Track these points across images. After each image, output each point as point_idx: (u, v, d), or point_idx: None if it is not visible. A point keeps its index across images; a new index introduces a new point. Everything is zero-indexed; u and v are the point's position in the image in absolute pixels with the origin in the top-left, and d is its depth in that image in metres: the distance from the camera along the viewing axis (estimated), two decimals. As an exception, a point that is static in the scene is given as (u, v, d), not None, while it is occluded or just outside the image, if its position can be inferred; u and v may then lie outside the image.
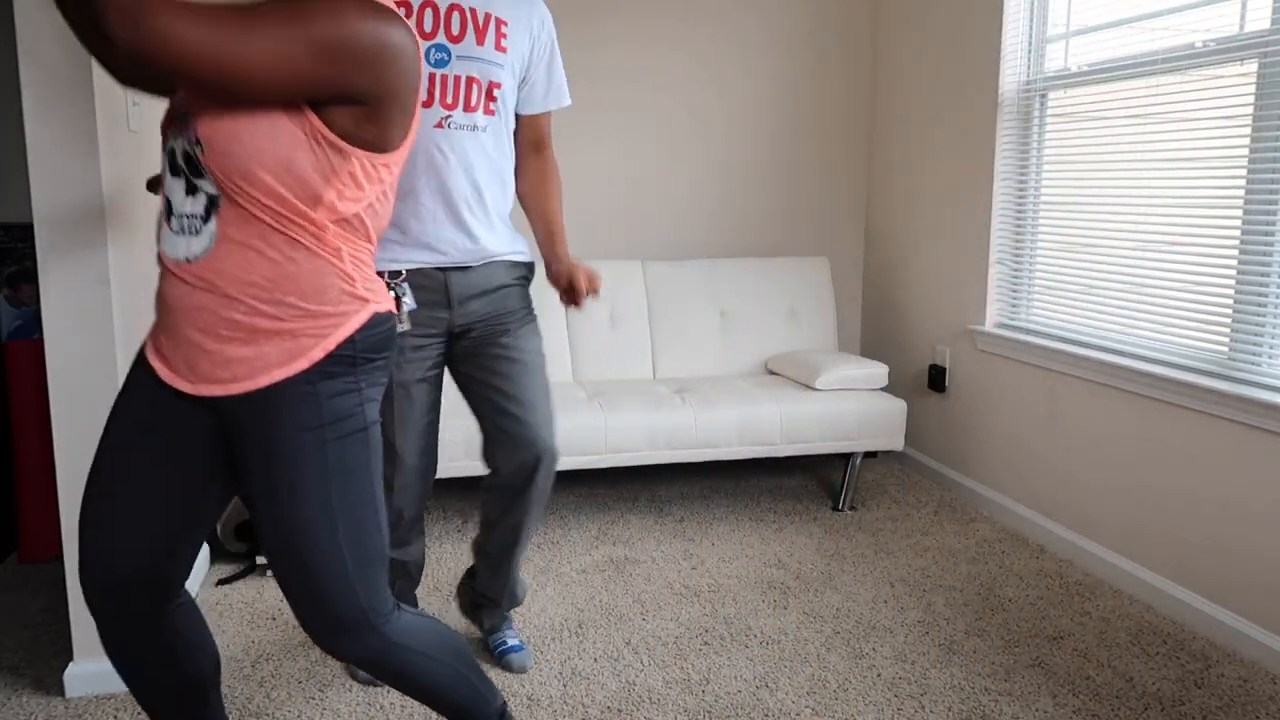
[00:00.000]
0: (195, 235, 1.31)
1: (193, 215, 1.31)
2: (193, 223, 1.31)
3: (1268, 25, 2.24)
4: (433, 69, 1.90)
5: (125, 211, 2.11)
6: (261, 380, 1.33)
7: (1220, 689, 2.13)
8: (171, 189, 1.33)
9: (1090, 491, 2.78)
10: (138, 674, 1.49)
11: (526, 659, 2.23)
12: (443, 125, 1.92)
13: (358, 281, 1.38)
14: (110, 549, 1.40)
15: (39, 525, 2.76)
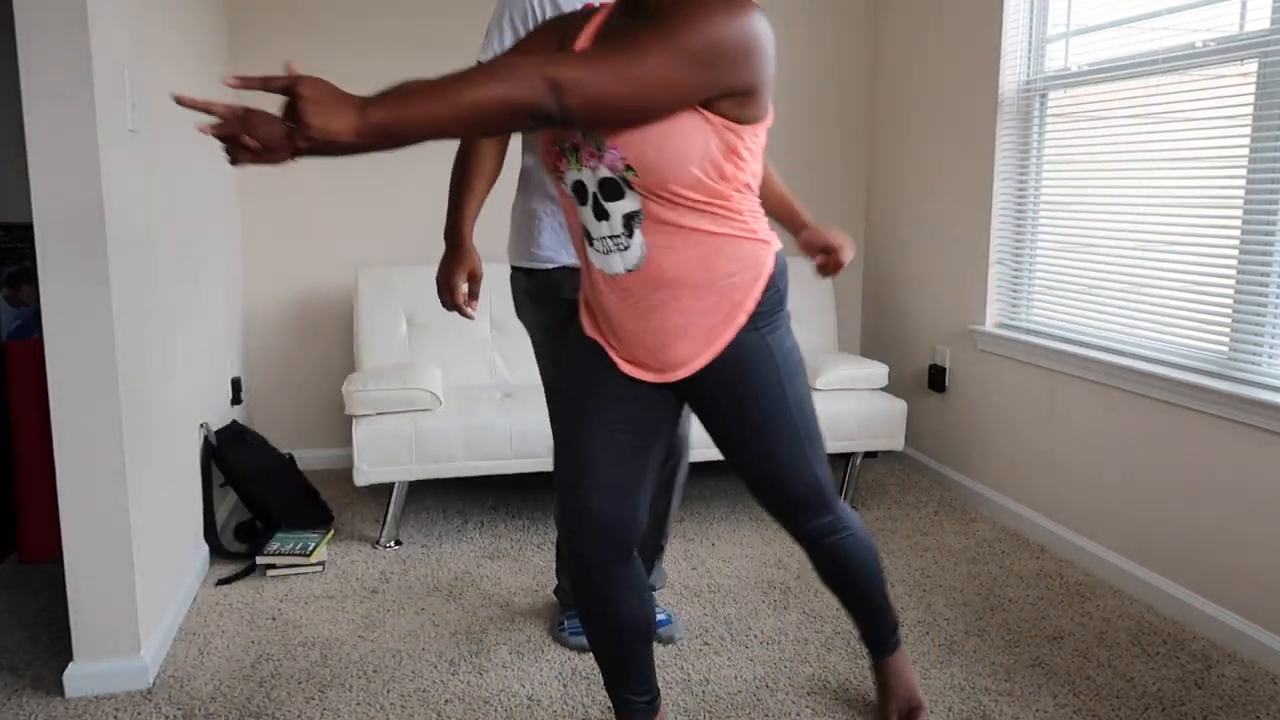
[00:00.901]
0: (625, 250, 1.50)
1: (615, 235, 1.49)
2: (617, 241, 1.49)
3: (1268, 25, 2.24)
4: None
5: (125, 212, 2.11)
6: (717, 348, 1.55)
7: (1220, 689, 2.13)
8: (584, 217, 1.51)
9: (1090, 491, 2.78)
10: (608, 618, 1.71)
11: (673, 631, 2.33)
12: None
13: (759, 230, 1.55)
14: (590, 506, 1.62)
15: (39, 525, 2.76)
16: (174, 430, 2.50)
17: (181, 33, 2.74)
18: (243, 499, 2.98)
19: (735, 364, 1.57)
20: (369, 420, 2.91)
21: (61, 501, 2.02)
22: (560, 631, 2.34)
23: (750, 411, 1.60)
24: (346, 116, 1.21)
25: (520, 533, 3.07)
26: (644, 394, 1.62)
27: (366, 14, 3.59)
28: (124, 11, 2.15)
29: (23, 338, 2.90)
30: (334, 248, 3.71)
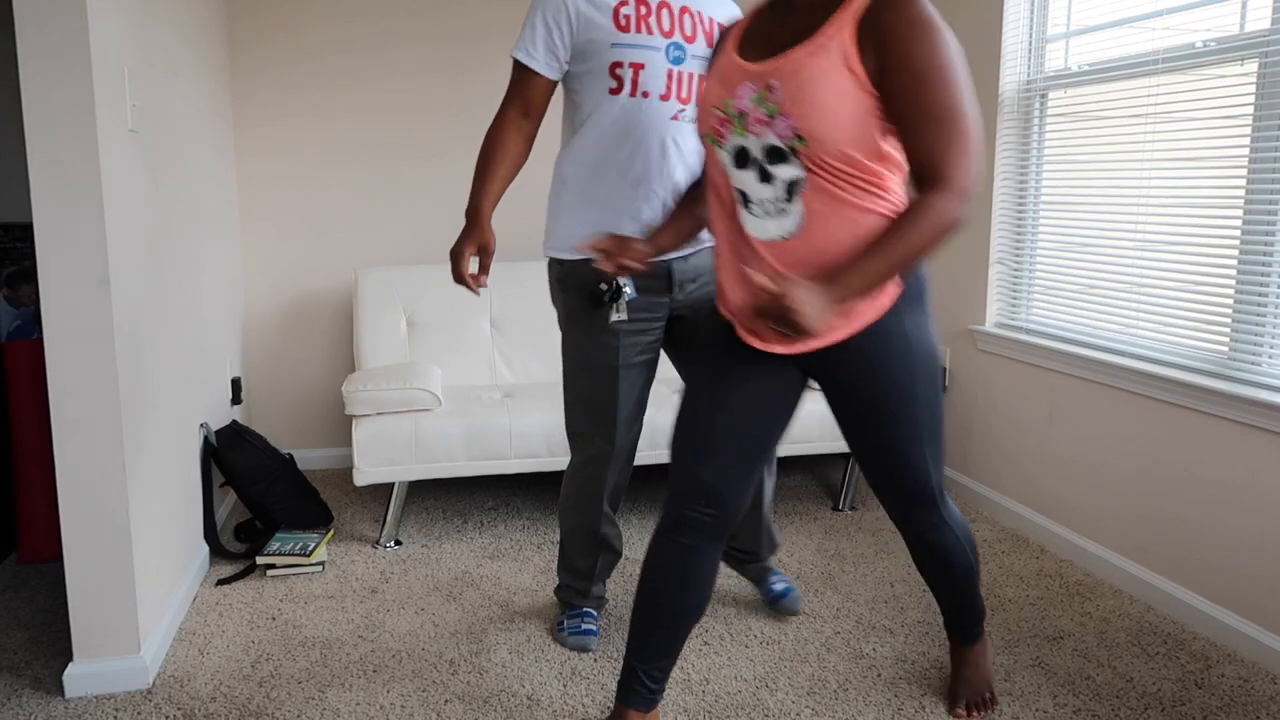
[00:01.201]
0: (783, 215, 1.57)
1: (775, 199, 1.57)
2: (777, 205, 1.57)
3: (1268, 25, 2.24)
4: (671, 65, 2.02)
5: (125, 212, 2.11)
6: (856, 326, 1.61)
7: (1220, 689, 2.13)
8: (742, 181, 1.59)
9: (1090, 491, 2.78)
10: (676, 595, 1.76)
11: (796, 602, 2.42)
12: (677, 118, 2.04)
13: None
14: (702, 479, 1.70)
15: (38, 525, 2.76)
16: (174, 430, 2.50)
17: (181, 33, 2.74)
18: (243, 499, 2.98)
19: (870, 348, 1.63)
20: (369, 420, 2.91)
21: (61, 501, 2.02)
22: (560, 631, 2.34)
23: (877, 399, 1.66)
24: (828, 314, 1.43)
25: (520, 533, 3.07)
26: (770, 378, 1.70)
27: (364, 13, 3.59)
28: (124, 11, 2.15)
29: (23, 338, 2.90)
30: (334, 248, 3.71)
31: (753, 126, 1.55)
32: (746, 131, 1.56)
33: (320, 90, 3.61)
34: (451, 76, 3.68)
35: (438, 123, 3.70)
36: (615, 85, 2.01)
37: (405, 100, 3.66)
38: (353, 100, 3.64)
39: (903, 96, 1.48)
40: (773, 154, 1.55)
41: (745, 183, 1.60)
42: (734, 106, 1.57)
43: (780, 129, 1.52)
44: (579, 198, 2.09)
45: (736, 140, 1.58)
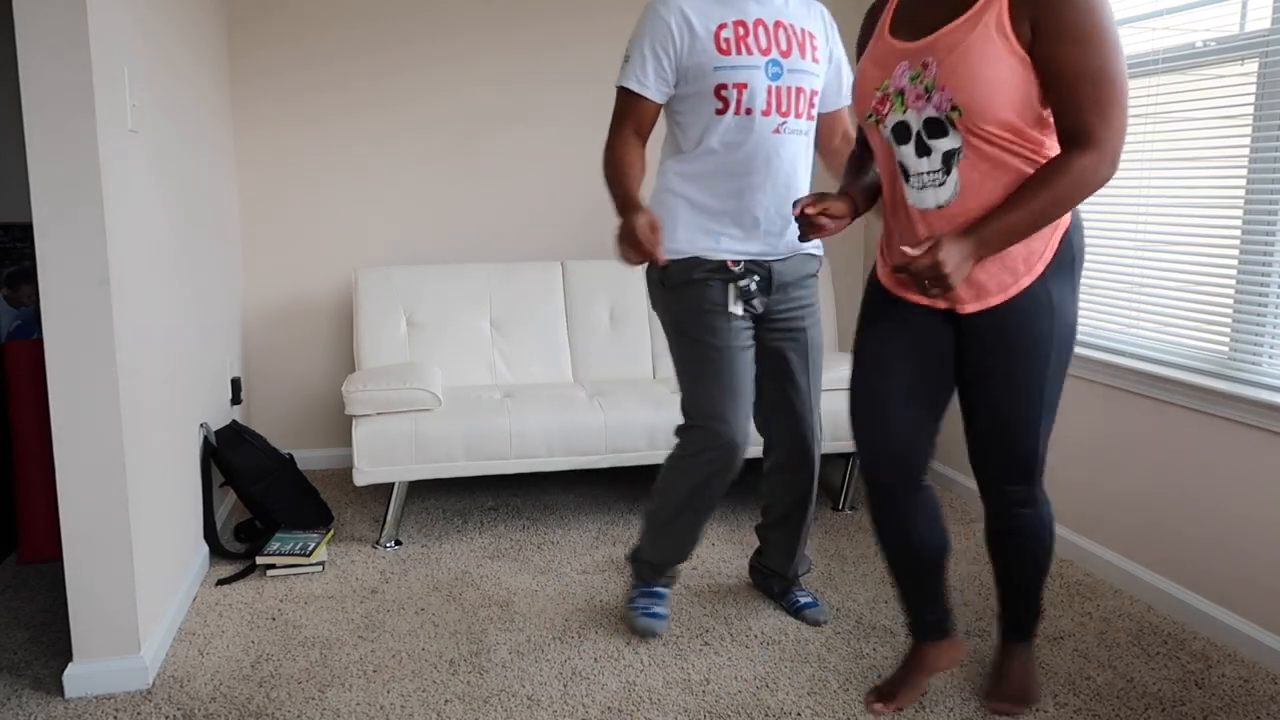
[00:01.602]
0: (940, 186, 1.64)
1: (932, 171, 1.64)
2: (934, 177, 1.64)
3: (1268, 25, 2.24)
4: (770, 82, 2.14)
5: (125, 212, 2.11)
6: (1011, 291, 1.67)
7: (1221, 689, 2.13)
8: (903, 155, 1.67)
9: (1090, 491, 2.78)
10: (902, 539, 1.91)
11: (820, 613, 2.42)
12: (779, 131, 2.17)
13: None
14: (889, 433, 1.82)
15: (39, 525, 2.76)
16: (174, 430, 2.50)
17: (181, 32, 2.74)
18: (243, 499, 2.98)
19: (1019, 316, 1.69)
20: (369, 420, 2.91)
21: (61, 501, 2.02)
22: (631, 609, 2.41)
23: (1015, 368, 1.71)
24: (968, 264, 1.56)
25: (520, 533, 3.07)
26: (932, 335, 1.78)
27: (365, 15, 3.59)
28: (124, 11, 2.15)
29: (23, 338, 2.90)
30: (334, 248, 3.71)
31: (912, 102, 1.63)
32: (906, 108, 1.64)
33: (320, 90, 3.60)
34: (451, 77, 3.68)
35: (438, 123, 3.70)
36: (721, 106, 2.14)
37: (405, 100, 3.66)
38: (353, 100, 3.64)
39: (1057, 59, 1.51)
40: (931, 126, 1.62)
41: (906, 157, 1.68)
42: (892, 86, 1.65)
43: (937, 101, 1.59)
44: (689, 207, 2.22)
45: (897, 117, 1.66)
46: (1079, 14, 1.50)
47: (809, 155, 2.26)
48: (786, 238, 2.24)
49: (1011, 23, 1.53)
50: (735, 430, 2.21)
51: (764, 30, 2.14)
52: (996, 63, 1.53)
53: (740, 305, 2.20)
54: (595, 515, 3.22)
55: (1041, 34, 1.52)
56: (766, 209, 2.19)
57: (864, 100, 1.72)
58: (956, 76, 1.55)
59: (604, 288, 3.62)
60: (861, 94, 1.72)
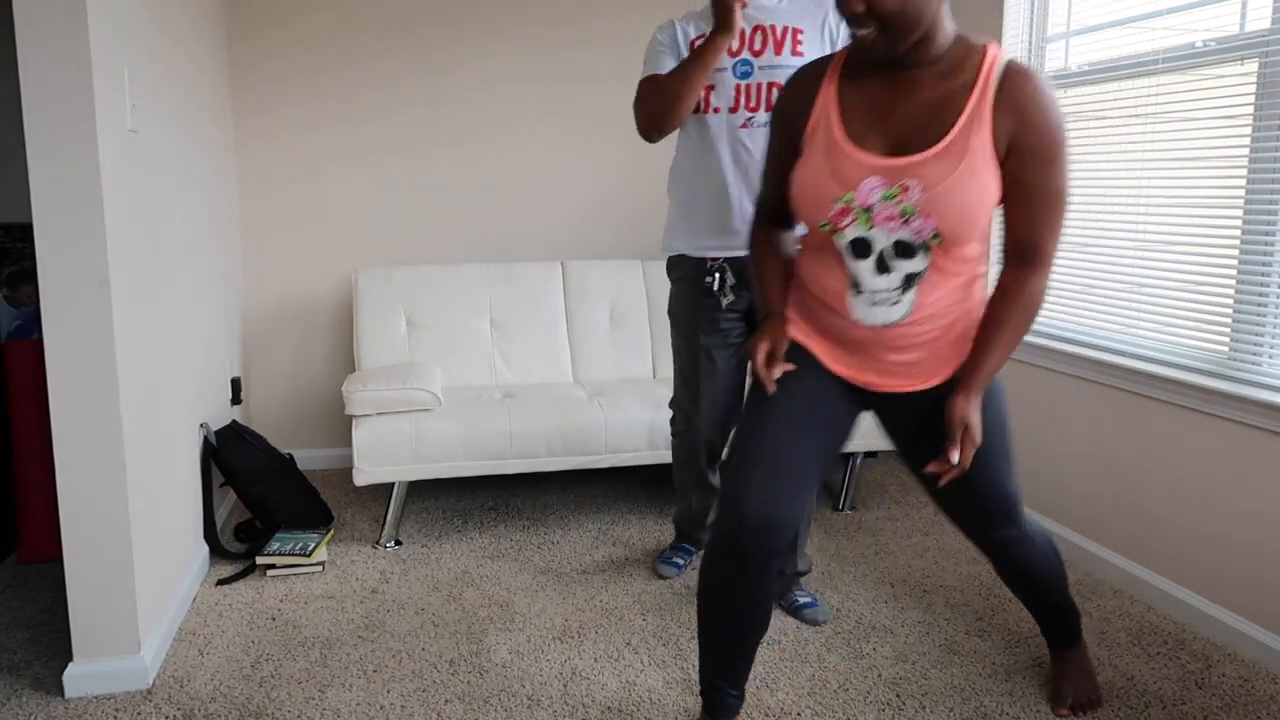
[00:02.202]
0: (894, 305, 1.59)
1: (889, 290, 1.58)
2: (890, 295, 1.58)
3: (1268, 25, 2.24)
4: (738, 80, 2.27)
5: (125, 212, 2.11)
6: (941, 377, 1.67)
7: (1221, 689, 2.13)
8: (857, 270, 1.58)
9: (1090, 491, 2.78)
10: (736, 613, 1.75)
11: (819, 613, 2.46)
12: (747, 125, 2.28)
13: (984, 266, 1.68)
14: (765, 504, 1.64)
15: (38, 525, 2.76)
16: (174, 430, 2.50)
17: (181, 33, 2.74)
18: (243, 499, 2.98)
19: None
20: (369, 420, 2.91)
21: (61, 501, 2.02)
22: (658, 558, 2.75)
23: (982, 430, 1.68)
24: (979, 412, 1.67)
25: (520, 533, 3.07)
26: (840, 405, 1.71)
27: (364, 15, 3.59)
28: (124, 12, 2.15)
29: (23, 338, 2.90)
30: (334, 247, 3.71)
31: (881, 222, 1.53)
32: (873, 225, 1.54)
33: (320, 90, 3.60)
34: (452, 77, 3.68)
35: (438, 123, 3.70)
36: (697, 106, 2.31)
37: (405, 100, 3.66)
38: (352, 100, 3.64)
39: (1028, 178, 1.51)
40: (900, 248, 1.55)
41: (861, 272, 1.59)
42: (858, 201, 1.54)
43: (918, 227, 1.52)
44: (677, 204, 2.45)
45: (856, 232, 1.56)
46: (1055, 134, 1.50)
47: None
48: None
49: (994, 141, 1.49)
50: (703, 425, 2.50)
51: (739, 35, 2.26)
52: (983, 191, 1.50)
53: (728, 295, 2.32)
54: (595, 515, 3.22)
55: (1017, 151, 1.50)
56: (740, 202, 2.30)
57: (819, 209, 1.57)
58: (945, 207, 1.49)
59: (604, 288, 3.62)
60: (816, 201, 1.57)
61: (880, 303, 1.59)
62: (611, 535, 3.04)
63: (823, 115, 1.58)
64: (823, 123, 1.58)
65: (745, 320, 2.39)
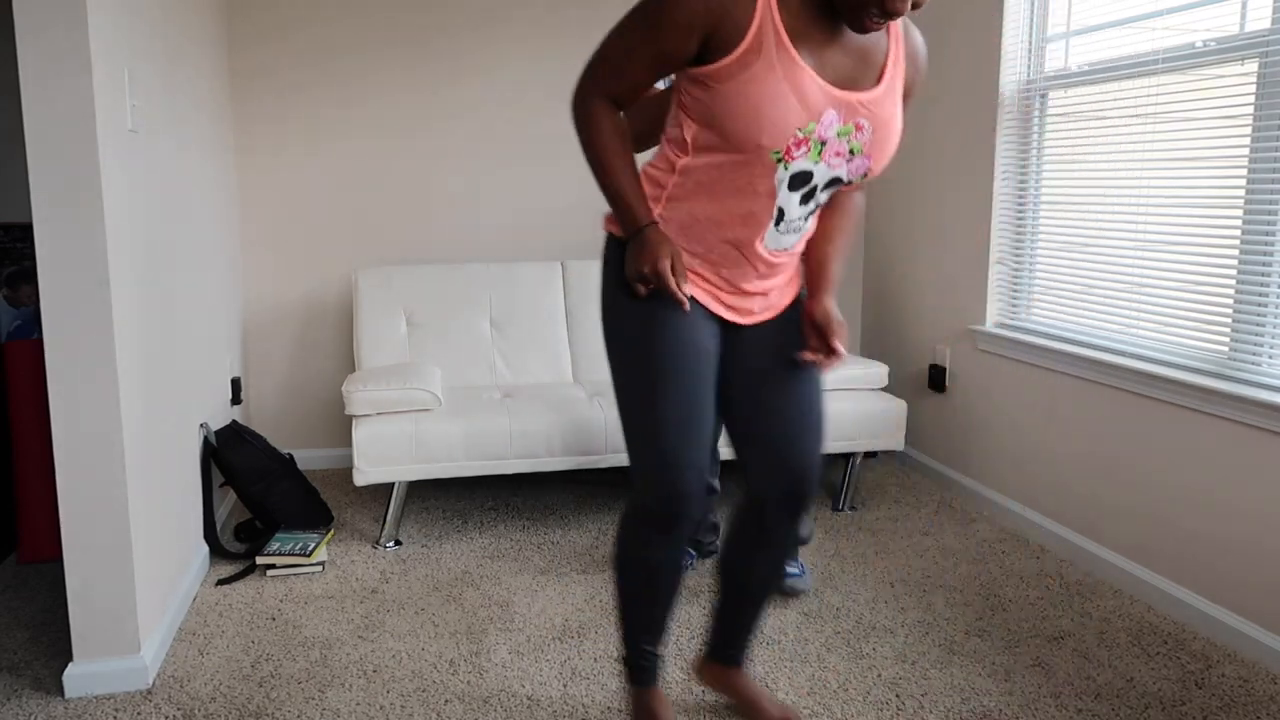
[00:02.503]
0: (796, 233, 1.64)
1: (801, 218, 1.61)
2: (798, 224, 1.62)
3: (1268, 25, 2.24)
4: None
5: (125, 212, 2.11)
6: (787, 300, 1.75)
7: (1221, 689, 2.13)
8: (786, 200, 1.56)
9: (1090, 491, 2.78)
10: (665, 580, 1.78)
11: (799, 583, 2.56)
12: None
13: None
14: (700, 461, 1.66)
15: (38, 525, 2.76)
16: (174, 430, 2.50)
17: (181, 33, 2.74)
18: (243, 499, 2.98)
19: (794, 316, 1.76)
20: (369, 420, 2.91)
21: (61, 501, 2.02)
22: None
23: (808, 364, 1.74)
24: None
25: (520, 533, 3.07)
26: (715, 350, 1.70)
27: (366, 13, 3.59)
28: (124, 12, 2.15)
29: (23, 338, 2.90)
30: (334, 248, 3.71)
31: (829, 158, 1.52)
32: (820, 160, 1.52)
33: (320, 90, 3.60)
34: (452, 77, 3.68)
35: (438, 122, 3.70)
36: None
37: (406, 100, 3.66)
38: (352, 101, 3.64)
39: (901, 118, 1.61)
40: (832, 184, 1.58)
41: (788, 202, 1.57)
42: (817, 134, 1.48)
43: (856, 166, 1.56)
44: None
45: (804, 164, 1.51)
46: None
47: None
48: None
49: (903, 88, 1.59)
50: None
51: None
52: (899, 132, 1.59)
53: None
54: (595, 515, 3.22)
55: (906, 96, 1.62)
56: None
57: (777, 135, 1.46)
58: (883, 149, 1.56)
59: (604, 288, 3.62)
60: (776, 126, 1.45)
61: (791, 231, 1.62)
62: (611, 535, 3.04)
63: (770, 29, 1.43)
64: (772, 38, 1.43)
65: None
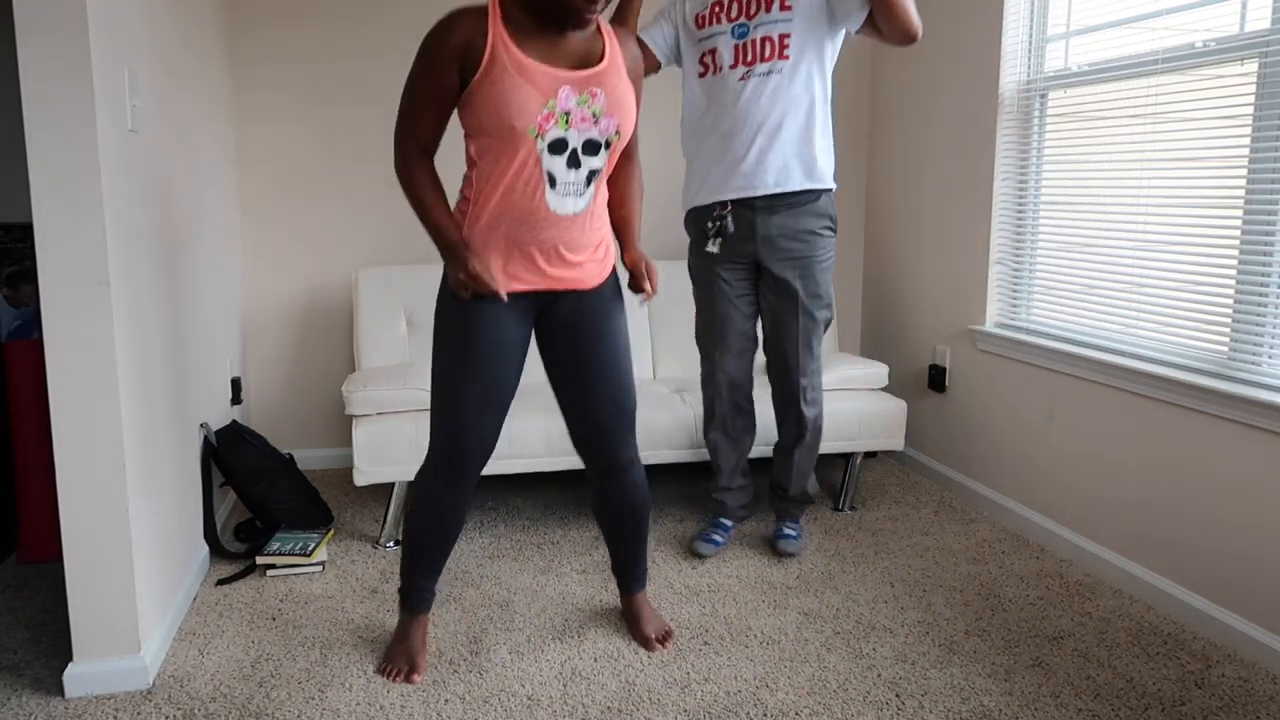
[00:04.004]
0: (579, 196, 1.96)
1: (575, 182, 1.95)
2: (575, 187, 1.95)
3: (1268, 25, 2.24)
4: (735, 40, 2.54)
5: (125, 212, 2.11)
6: (605, 276, 2.11)
7: (1220, 689, 2.13)
8: (552, 165, 1.91)
9: (1090, 491, 2.78)
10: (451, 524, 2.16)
11: (790, 545, 2.81)
12: (745, 79, 2.54)
13: None
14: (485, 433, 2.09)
15: (39, 525, 2.76)
16: (174, 430, 2.50)
17: (182, 32, 2.74)
18: (243, 499, 2.98)
19: (607, 294, 2.12)
20: (369, 420, 2.91)
21: (61, 501, 2.02)
22: (695, 539, 2.85)
23: (614, 332, 2.12)
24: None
25: (520, 533, 3.07)
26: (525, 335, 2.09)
27: (364, 14, 3.59)
28: (124, 12, 2.15)
29: (23, 338, 2.90)
30: (334, 248, 3.71)
31: (577, 123, 1.91)
32: (570, 127, 1.91)
33: (320, 90, 3.61)
34: (451, 76, 3.67)
35: (438, 123, 3.69)
36: (701, 70, 2.62)
37: (405, 100, 3.66)
38: (353, 100, 3.64)
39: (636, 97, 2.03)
40: (588, 146, 1.94)
41: (555, 167, 1.92)
42: (559, 107, 1.89)
43: (605, 126, 1.94)
44: (690, 161, 2.70)
45: (557, 133, 1.90)
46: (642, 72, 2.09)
47: (800, 91, 2.54)
48: (767, 178, 2.57)
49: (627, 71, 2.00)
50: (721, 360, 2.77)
51: (735, 3, 2.55)
52: (633, 96, 1.99)
53: (716, 244, 2.61)
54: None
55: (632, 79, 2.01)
56: (744, 149, 2.56)
57: (525, 116, 1.85)
58: (623, 107, 1.94)
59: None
60: (522, 110, 1.85)
61: (570, 194, 1.95)
62: (611, 535, 3.05)
63: (499, 44, 1.86)
64: (502, 50, 1.85)
65: (752, 271, 2.68)
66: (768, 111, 2.53)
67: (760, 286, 2.70)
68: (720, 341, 2.75)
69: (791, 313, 2.66)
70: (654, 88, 3.81)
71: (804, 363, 2.71)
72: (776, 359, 2.74)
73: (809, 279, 2.64)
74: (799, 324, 2.66)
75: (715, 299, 2.70)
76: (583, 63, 1.92)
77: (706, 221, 2.65)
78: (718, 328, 2.73)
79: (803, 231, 2.61)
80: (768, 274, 2.65)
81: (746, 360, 2.79)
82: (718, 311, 2.71)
